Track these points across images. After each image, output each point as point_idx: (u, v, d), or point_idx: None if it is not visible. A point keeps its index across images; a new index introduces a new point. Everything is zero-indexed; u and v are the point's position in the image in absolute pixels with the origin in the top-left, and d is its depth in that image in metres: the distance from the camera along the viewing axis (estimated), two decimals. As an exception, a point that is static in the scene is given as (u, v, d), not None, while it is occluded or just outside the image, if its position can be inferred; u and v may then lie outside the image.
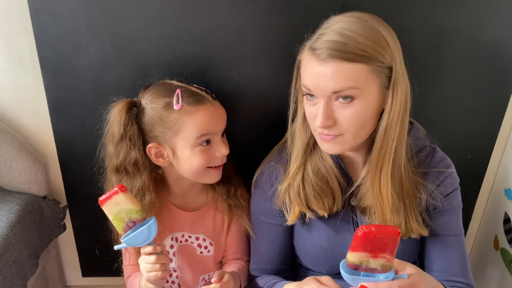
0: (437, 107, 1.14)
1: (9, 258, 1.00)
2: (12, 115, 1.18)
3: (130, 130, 0.91)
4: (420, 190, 0.86)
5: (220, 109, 0.97)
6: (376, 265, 0.68)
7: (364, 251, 0.67)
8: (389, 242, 0.66)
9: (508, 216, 1.20)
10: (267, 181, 0.93)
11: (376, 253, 0.66)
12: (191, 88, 0.95)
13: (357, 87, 0.73)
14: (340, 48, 0.72)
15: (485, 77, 1.11)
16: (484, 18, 1.04)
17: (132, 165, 0.93)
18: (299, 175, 0.88)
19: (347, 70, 0.72)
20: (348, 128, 0.76)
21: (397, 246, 0.67)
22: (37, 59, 1.10)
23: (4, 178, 1.18)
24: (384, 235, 0.65)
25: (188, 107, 0.90)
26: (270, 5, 1.02)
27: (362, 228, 0.65)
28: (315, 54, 0.74)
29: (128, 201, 0.82)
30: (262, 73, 1.10)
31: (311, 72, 0.75)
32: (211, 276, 1.08)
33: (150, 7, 1.03)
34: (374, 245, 0.66)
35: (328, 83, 0.73)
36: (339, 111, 0.75)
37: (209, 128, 0.92)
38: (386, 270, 0.68)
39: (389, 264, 0.68)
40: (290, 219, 0.91)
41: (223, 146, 0.95)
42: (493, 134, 1.19)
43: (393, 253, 0.67)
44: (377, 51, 0.73)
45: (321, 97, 0.75)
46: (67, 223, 1.30)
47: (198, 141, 0.92)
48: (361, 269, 0.69)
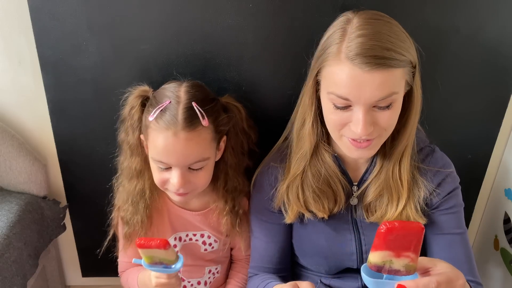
0: (437, 107, 1.14)
1: (9, 258, 1.00)
2: (12, 115, 1.18)
3: (134, 116, 0.93)
4: (419, 185, 0.86)
5: (187, 144, 0.85)
6: (399, 265, 0.63)
7: (388, 250, 0.63)
8: (413, 239, 0.62)
9: (508, 216, 1.20)
10: (267, 181, 0.93)
11: (399, 252, 0.63)
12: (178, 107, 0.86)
13: (397, 91, 0.74)
14: (387, 56, 0.70)
15: (485, 77, 1.11)
16: (484, 18, 1.04)
17: (127, 145, 0.97)
18: (299, 177, 0.88)
19: (392, 76, 0.71)
20: (386, 129, 0.77)
21: (421, 244, 0.63)
22: (37, 59, 1.10)
23: (4, 178, 1.18)
24: (408, 231, 0.62)
25: (156, 124, 0.86)
26: (270, 5, 1.02)
27: (385, 224, 0.61)
28: (355, 63, 0.70)
29: (167, 254, 0.80)
30: (262, 73, 1.10)
31: (352, 82, 0.71)
32: (218, 270, 1.08)
33: (150, 7, 1.03)
34: (397, 242, 0.62)
35: (373, 92, 0.71)
36: (378, 115, 0.75)
37: (162, 158, 0.87)
38: (409, 271, 0.64)
39: (413, 264, 0.64)
40: (288, 218, 0.91)
41: (177, 179, 0.87)
42: (493, 134, 1.19)
43: (417, 252, 0.64)
44: (409, 52, 0.74)
45: (361, 106, 0.73)
46: (67, 223, 1.30)
47: (154, 161, 0.90)
48: (384, 271, 0.64)
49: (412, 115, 0.81)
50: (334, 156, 0.87)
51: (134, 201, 0.97)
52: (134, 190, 0.97)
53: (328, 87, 0.76)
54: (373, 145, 0.78)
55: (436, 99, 1.13)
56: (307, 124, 0.85)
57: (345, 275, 0.94)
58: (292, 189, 0.88)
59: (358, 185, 0.90)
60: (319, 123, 0.84)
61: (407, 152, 0.84)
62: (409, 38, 0.76)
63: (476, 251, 1.37)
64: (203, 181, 0.93)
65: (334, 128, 0.79)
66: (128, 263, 1.05)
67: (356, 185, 0.90)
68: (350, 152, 0.80)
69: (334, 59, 0.73)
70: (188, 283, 1.08)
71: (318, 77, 0.79)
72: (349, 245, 0.90)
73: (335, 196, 0.88)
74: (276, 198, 0.92)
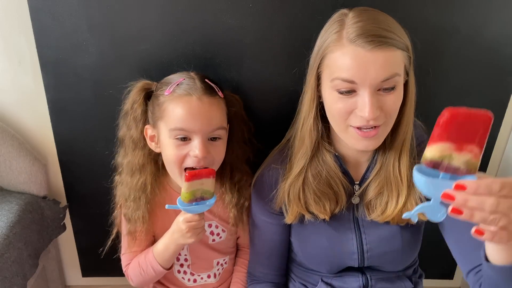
0: (437, 107, 1.12)
1: (9, 258, 1.00)
2: (12, 115, 1.18)
3: (137, 110, 0.95)
4: None
5: (211, 109, 0.88)
6: (460, 161, 0.56)
7: (449, 141, 0.56)
8: (479, 128, 0.55)
9: (508, 216, 1.20)
10: (267, 182, 0.93)
11: (462, 144, 0.55)
12: (195, 80, 0.91)
13: (400, 73, 0.75)
14: (387, 35, 0.72)
15: (485, 77, 1.11)
16: (484, 18, 1.04)
17: (130, 139, 0.97)
18: (300, 178, 0.88)
19: (394, 57, 0.73)
20: (391, 115, 0.77)
21: (486, 136, 0.56)
22: (37, 59, 1.10)
23: (4, 178, 1.18)
24: (474, 119, 0.55)
25: (175, 95, 0.88)
26: (270, 5, 1.02)
27: (448, 111, 0.55)
28: (358, 43, 0.72)
29: (211, 185, 0.87)
30: (262, 73, 1.10)
31: (356, 63, 0.72)
32: (226, 261, 1.09)
33: (150, 7, 1.03)
34: (461, 132, 0.55)
35: (378, 71, 0.72)
36: (383, 99, 0.75)
37: (185, 124, 0.86)
38: (470, 170, 0.56)
39: (475, 162, 0.56)
40: (288, 219, 0.91)
41: (198, 147, 0.86)
42: (493, 134, 1.19)
43: (482, 147, 0.56)
44: (405, 38, 0.76)
45: (366, 88, 0.73)
46: (67, 223, 1.30)
47: (172, 134, 0.88)
48: (442, 168, 0.57)
49: (407, 105, 0.81)
50: (335, 155, 0.87)
51: (135, 197, 0.97)
52: (136, 185, 0.97)
53: (332, 74, 0.76)
54: (380, 134, 0.78)
55: (436, 99, 1.13)
56: (309, 121, 0.85)
57: (346, 274, 0.94)
58: (294, 190, 0.88)
59: (359, 184, 0.90)
60: (320, 120, 0.85)
61: (405, 148, 0.84)
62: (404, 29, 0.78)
63: (476, 251, 1.37)
64: (220, 154, 0.94)
65: (340, 118, 0.78)
66: (131, 253, 1.04)
67: (357, 184, 0.90)
68: (357, 143, 0.79)
69: (336, 45, 0.75)
70: (198, 277, 1.08)
71: (320, 70, 0.80)
72: (350, 244, 0.90)
73: (336, 197, 0.88)
74: (277, 199, 0.92)
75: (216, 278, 1.10)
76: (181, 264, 1.07)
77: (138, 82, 0.97)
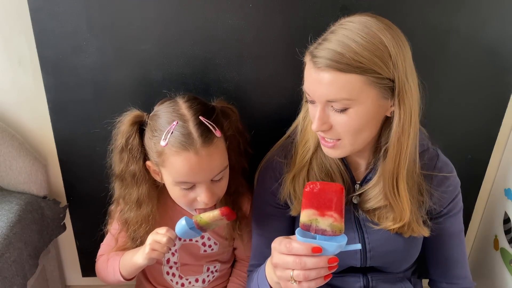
0: (437, 107, 1.14)
1: (9, 258, 1.00)
2: (12, 115, 1.18)
3: (132, 143, 0.91)
4: (422, 193, 0.86)
5: (210, 159, 0.85)
6: (325, 225, 0.68)
7: (312, 208, 0.68)
8: (332, 197, 0.68)
9: (508, 216, 1.20)
10: (271, 175, 0.93)
11: (323, 210, 0.68)
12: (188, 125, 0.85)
13: (350, 98, 0.72)
14: (336, 58, 0.71)
15: (485, 77, 1.11)
16: (484, 18, 1.04)
17: (131, 176, 0.93)
18: (305, 168, 0.88)
19: (341, 80, 0.71)
20: (344, 134, 0.77)
21: (342, 205, 0.68)
22: (37, 59, 1.10)
23: (4, 178, 1.18)
24: (327, 190, 0.68)
25: (172, 148, 0.84)
26: (270, 5, 1.02)
27: (308, 184, 0.69)
28: (313, 61, 0.74)
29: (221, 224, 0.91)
30: (262, 73, 1.10)
31: (309, 78, 0.76)
32: (217, 269, 1.08)
33: (150, 7, 1.03)
34: (319, 201, 0.68)
35: (323, 91, 0.73)
36: (334, 117, 0.75)
37: (188, 178, 0.86)
38: (335, 232, 0.69)
39: (338, 225, 0.68)
40: (294, 210, 0.91)
41: (205, 195, 0.87)
42: (493, 134, 1.19)
43: (340, 213, 0.68)
44: (373, 62, 0.71)
45: (318, 102, 0.76)
46: (67, 223, 1.30)
47: (176, 184, 0.88)
48: (312, 230, 0.69)
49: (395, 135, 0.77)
50: None
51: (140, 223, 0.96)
52: (142, 214, 0.96)
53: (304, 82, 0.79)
54: (340, 147, 0.79)
55: (436, 99, 1.13)
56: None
57: (347, 274, 0.94)
58: (299, 180, 0.89)
59: (360, 184, 0.90)
60: None
61: (401, 179, 0.81)
62: (391, 52, 0.72)
63: (476, 251, 1.37)
64: (224, 189, 0.93)
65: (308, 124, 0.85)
66: (109, 247, 1.04)
67: (359, 184, 0.90)
68: (323, 148, 0.82)
69: (307, 55, 0.78)
70: (186, 281, 1.08)
71: None
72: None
73: None
74: (282, 190, 0.92)
75: (205, 284, 1.09)
76: (170, 266, 1.07)
77: (127, 115, 0.92)
